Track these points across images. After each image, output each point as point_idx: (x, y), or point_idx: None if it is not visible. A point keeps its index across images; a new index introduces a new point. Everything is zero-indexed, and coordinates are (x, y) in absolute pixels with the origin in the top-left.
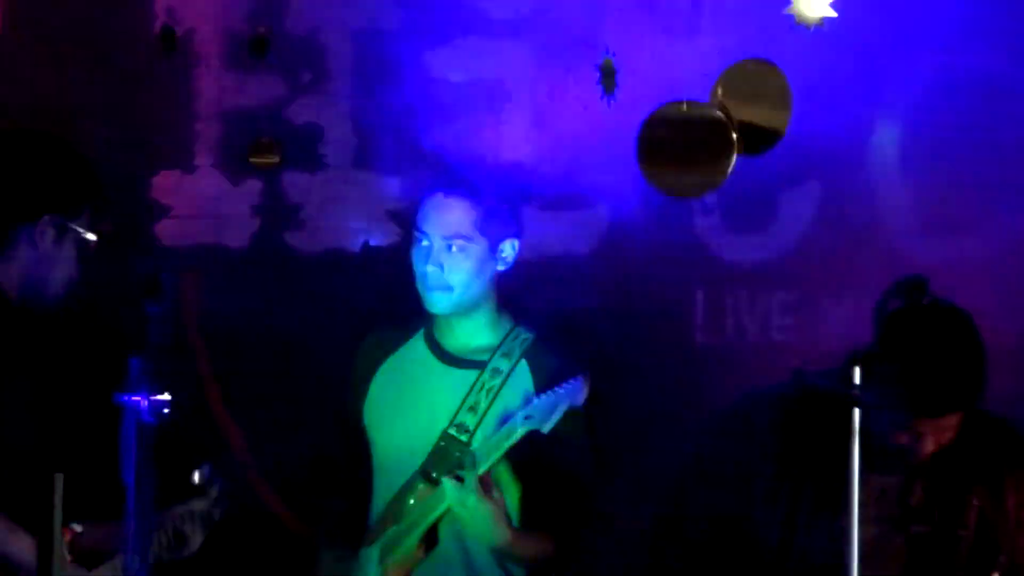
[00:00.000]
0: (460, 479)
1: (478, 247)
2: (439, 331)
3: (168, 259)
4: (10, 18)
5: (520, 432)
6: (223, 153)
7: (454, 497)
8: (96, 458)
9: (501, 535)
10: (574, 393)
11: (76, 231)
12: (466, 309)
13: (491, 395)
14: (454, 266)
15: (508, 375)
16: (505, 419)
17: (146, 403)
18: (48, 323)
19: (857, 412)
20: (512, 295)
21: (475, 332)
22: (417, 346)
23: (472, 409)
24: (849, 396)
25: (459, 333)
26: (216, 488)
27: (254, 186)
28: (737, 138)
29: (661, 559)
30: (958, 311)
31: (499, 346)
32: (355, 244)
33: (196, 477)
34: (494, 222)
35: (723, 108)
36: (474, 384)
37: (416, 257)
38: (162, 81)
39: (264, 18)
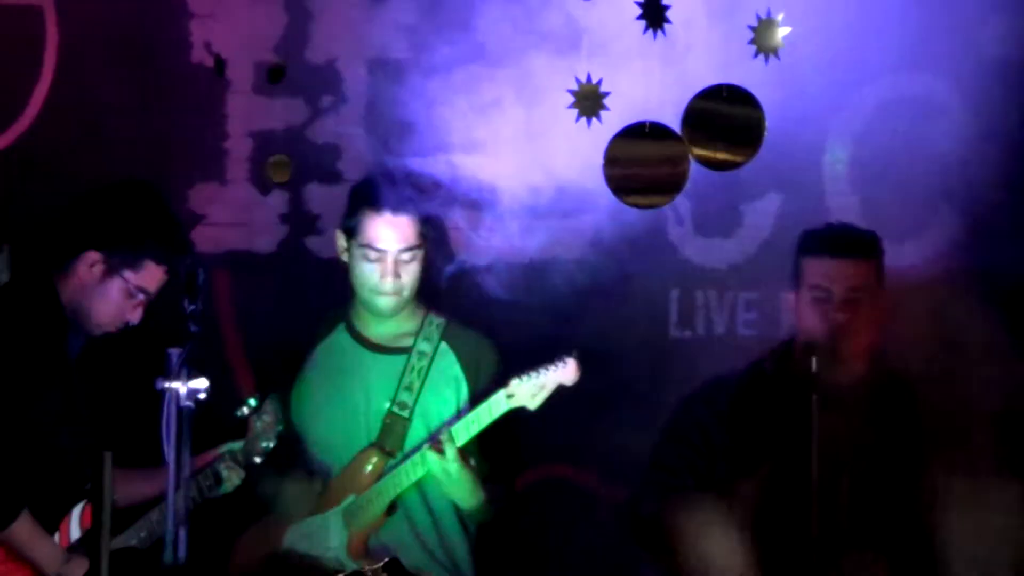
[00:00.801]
0: (440, 450)
1: (422, 253)
2: (361, 323)
3: (203, 262)
4: (64, 54)
5: (505, 409)
6: (252, 168)
7: (438, 467)
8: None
9: (478, 497)
10: (563, 372)
11: (126, 276)
12: (403, 306)
13: (422, 375)
14: (408, 274)
15: (432, 356)
16: (477, 401)
17: (184, 389)
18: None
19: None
20: (502, 295)
21: (396, 322)
22: (341, 337)
23: (408, 388)
24: (807, 381)
25: (382, 324)
26: (262, 426)
27: (280, 197)
28: (693, 159)
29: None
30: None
31: (419, 332)
32: None
33: (244, 410)
34: (432, 230)
35: (685, 133)
36: (405, 367)
37: (366, 269)
38: (199, 106)
39: (288, 50)
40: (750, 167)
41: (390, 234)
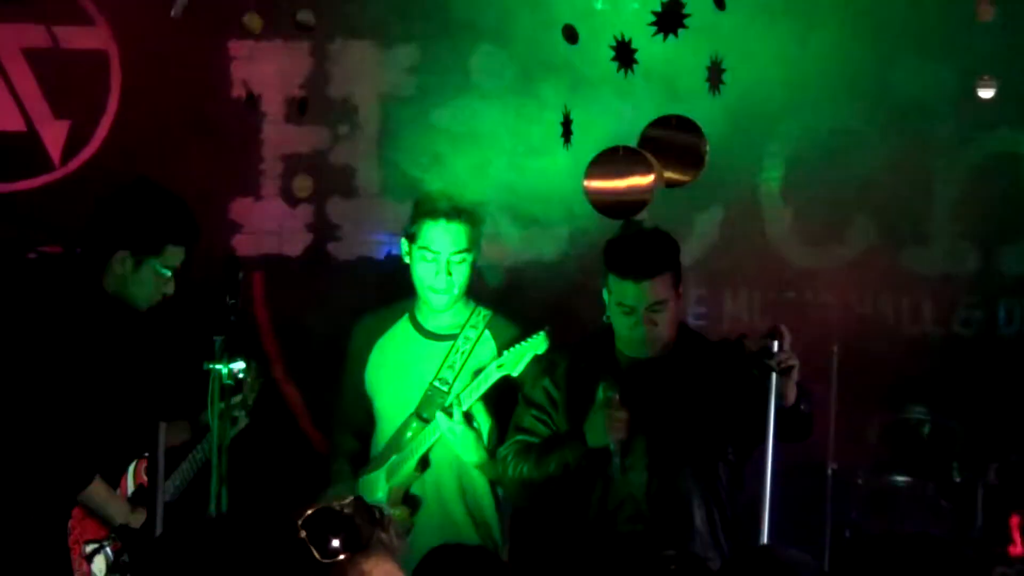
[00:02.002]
0: (449, 413)
1: (472, 256)
2: (421, 315)
3: (242, 263)
4: (125, 90)
5: (495, 377)
6: (283, 185)
7: (446, 426)
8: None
9: (480, 455)
10: (537, 343)
11: (153, 267)
12: (455, 301)
13: (464, 356)
14: (457, 274)
15: (476, 341)
16: (478, 372)
17: (226, 370)
18: (141, 319)
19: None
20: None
21: (450, 315)
22: (404, 328)
23: (450, 367)
24: (765, 361)
25: (438, 316)
26: (251, 379)
27: (306, 210)
28: (657, 176)
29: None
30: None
31: (467, 322)
32: (380, 253)
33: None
34: (478, 237)
35: (647, 155)
36: (450, 350)
37: (424, 270)
38: (238, 133)
39: (312, 87)
40: (698, 183)
41: (444, 238)
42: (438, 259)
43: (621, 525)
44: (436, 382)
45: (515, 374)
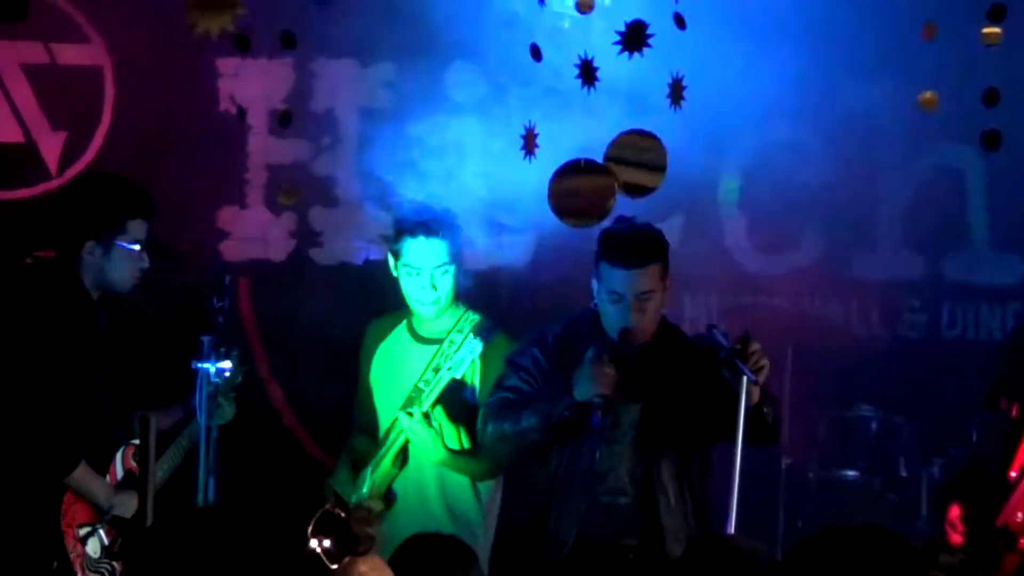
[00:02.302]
0: (410, 414)
1: (454, 268)
2: (416, 321)
3: (228, 268)
4: (119, 104)
5: (446, 380)
6: (267, 194)
7: (407, 426)
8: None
9: (440, 454)
10: (472, 348)
11: (121, 246)
12: (444, 309)
13: (447, 359)
14: (442, 286)
15: (460, 344)
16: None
17: (213, 368)
18: (122, 307)
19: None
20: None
21: (440, 320)
22: (402, 333)
23: (434, 369)
24: (738, 362)
25: (429, 322)
26: (231, 372)
27: (289, 217)
28: (618, 186)
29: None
30: None
31: (454, 326)
32: (359, 258)
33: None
34: (459, 248)
35: (610, 166)
36: (436, 352)
37: (410, 284)
38: (225, 145)
39: (295, 101)
40: (660, 193)
41: (425, 255)
42: (422, 274)
43: (602, 496)
44: (420, 383)
45: (457, 376)
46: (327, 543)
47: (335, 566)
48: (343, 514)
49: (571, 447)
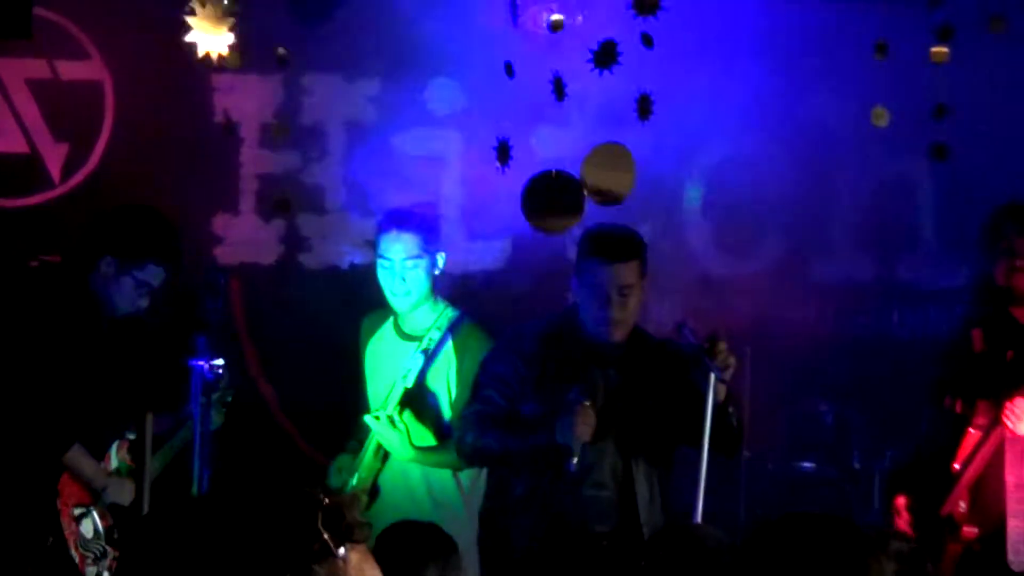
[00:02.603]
0: (376, 418)
1: (424, 262)
2: (400, 319)
3: (222, 271)
4: (118, 116)
5: (402, 388)
6: (258, 203)
7: (375, 429)
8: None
9: (406, 452)
10: (406, 378)
11: (133, 274)
12: (417, 303)
13: (427, 355)
14: (411, 278)
15: (438, 341)
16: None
17: (207, 366)
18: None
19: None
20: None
21: (420, 317)
22: (388, 329)
23: (413, 365)
24: (707, 360)
25: (411, 319)
26: (225, 382)
27: (279, 224)
28: (587, 195)
29: None
30: None
31: (434, 323)
32: (345, 263)
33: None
34: (431, 244)
35: (583, 176)
36: (416, 350)
37: (383, 276)
38: (219, 155)
39: (285, 115)
40: (630, 201)
41: (396, 247)
42: (392, 266)
43: (586, 489)
44: (401, 379)
45: (410, 385)
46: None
47: (341, 550)
48: (332, 501)
49: (536, 476)
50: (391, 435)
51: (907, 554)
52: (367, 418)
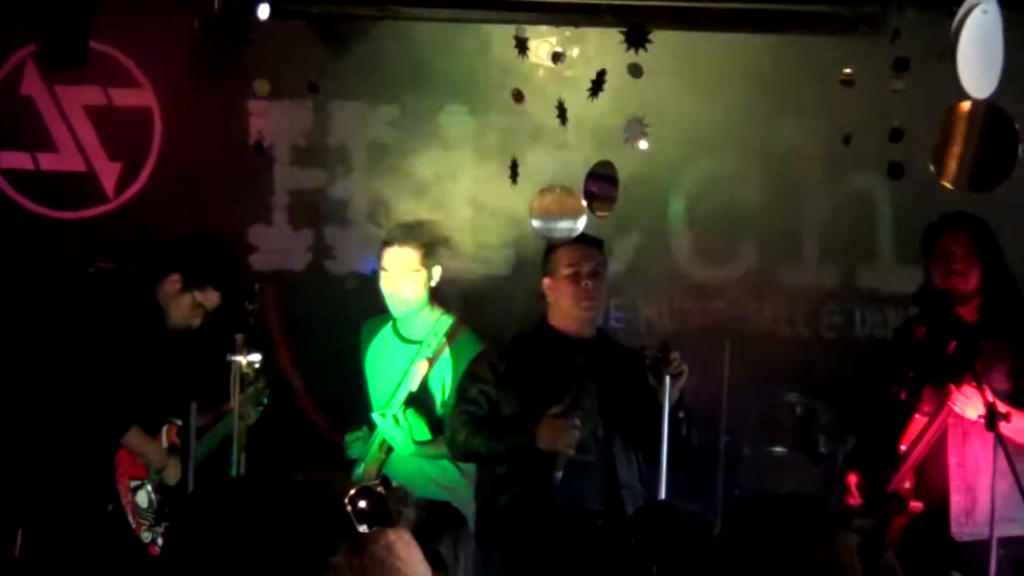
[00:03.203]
0: (382, 415)
1: (422, 275)
2: (399, 324)
3: (258, 276)
4: (165, 139)
5: (407, 390)
6: (289, 215)
7: (381, 425)
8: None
9: (407, 447)
10: (423, 367)
11: (195, 294)
12: (415, 311)
13: (427, 360)
14: (409, 290)
15: (435, 347)
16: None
17: (245, 360)
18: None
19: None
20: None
21: (419, 323)
22: (388, 333)
23: (415, 369)
24: (661, 367)
25: (409, 324)
26: (262, 376)
27: (308, 234)
28: (586, 206)
29: None
30: None
31: (432, 329)
32: (366, 269)
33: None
34: (428, 259)
35: (577, 192)
36: (417, 353)
37: (384, 285)
38: (254, 173)
39: (314, 137)
40: (621, 214)
41: (396, 261)
42: (391, 277)
43: (576, 455)
44: (405, 380)
45: (415, 390)
46: (363, 507)
47: (363, 528)
48: (382, 490)
49: (525, 478)
50: (395, 432)
51: (869, 531)
52: (374, 416)
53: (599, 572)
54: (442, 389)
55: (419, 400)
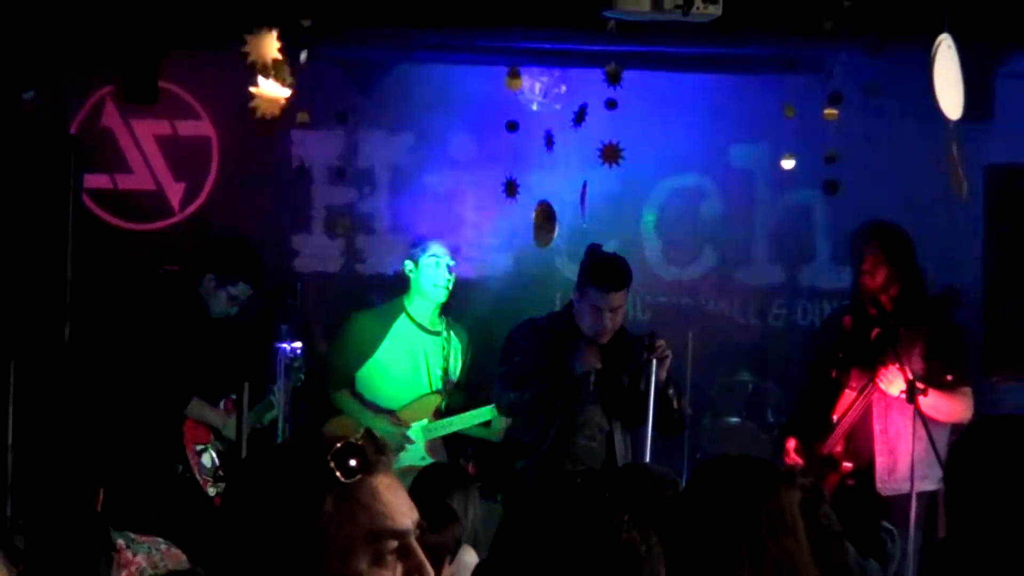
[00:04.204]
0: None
1: (451, 277)
2: (415, 314)
3: (298, 277)
4: (222, 162)
5: (439, 371)
6: (325, 226)
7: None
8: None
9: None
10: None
11: (227, 289)
12: (443, 301)
13: (447, 349)
14: (449, 276)
15: (449, 338)
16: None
17: (288, 348)
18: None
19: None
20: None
21: (434, 315)
22: (406, 324)
23: (445, 359)
24: (648, 354)
25: (429, 316)
26: (301, 361)
27: (340, 242)
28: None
29: None
30: None
31: (442, 324)
32: (390, 271)
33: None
34: (453, 267)
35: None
36: (443, 346)
37: (432, 272)
38: (295, 191)
39: (346, 160)
40: (602, 222)
41: (442, 251)
42: (438, 263)
43: (580, 440)
44: (440, 370)
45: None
46: (344, 460)
47: (345, 479)
48: (361, 442)
49: (557, 427)
50: (416, 443)
51: (809, 488)
52: (410, 433)
53: (576, 521)
54: (459, 367)
55: (449, 379)
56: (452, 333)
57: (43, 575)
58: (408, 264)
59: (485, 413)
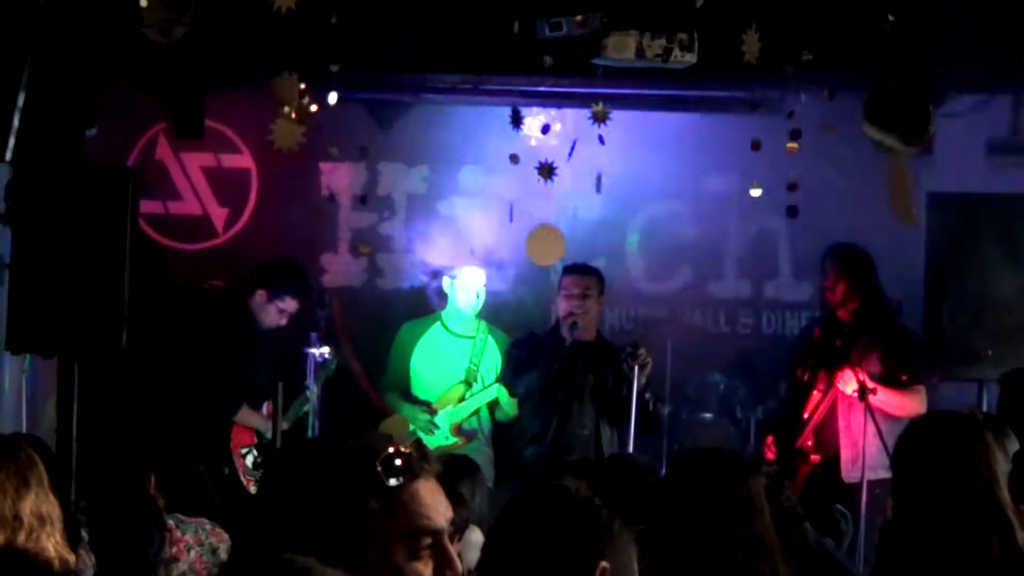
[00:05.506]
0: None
1: (484, 290)
2: (450, 322)
3: (327, 290)
4: (260, 190)
5: (465, 368)
6: (351, 246)
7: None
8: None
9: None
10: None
11: (276, 303)
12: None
13: (481, 349)
14: (480, 294)
15: (485, 340)
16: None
17: (317, 353)
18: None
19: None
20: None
21: (467, 323)
22: (440, 331)
23: (476, 355)
24: (631, 361)
25: (461, 324)
26: (330, 365)
27: (364, 260)
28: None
29: None
30: None
31: (477, 328)
32: (408, 286)
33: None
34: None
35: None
36: (474, 346)
37: (463, 291)
38: (324, 215)
39: (368, 189)
40: (589, 243)
41: (473, 274)
42: (469, 290)
43: (574, 429)
44: (471, 364)
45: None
46: (391, 465)
47: (392, 482)
48: (408, 451)
49: (557, 418)
50: (439, 432)
51: (773, 475)
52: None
53: (556, 510)
54: (495, 369)
55: (478, 376)
56: (490, 336)
57: (105, 549)
58: (446, 281)
59: (493, 393)
